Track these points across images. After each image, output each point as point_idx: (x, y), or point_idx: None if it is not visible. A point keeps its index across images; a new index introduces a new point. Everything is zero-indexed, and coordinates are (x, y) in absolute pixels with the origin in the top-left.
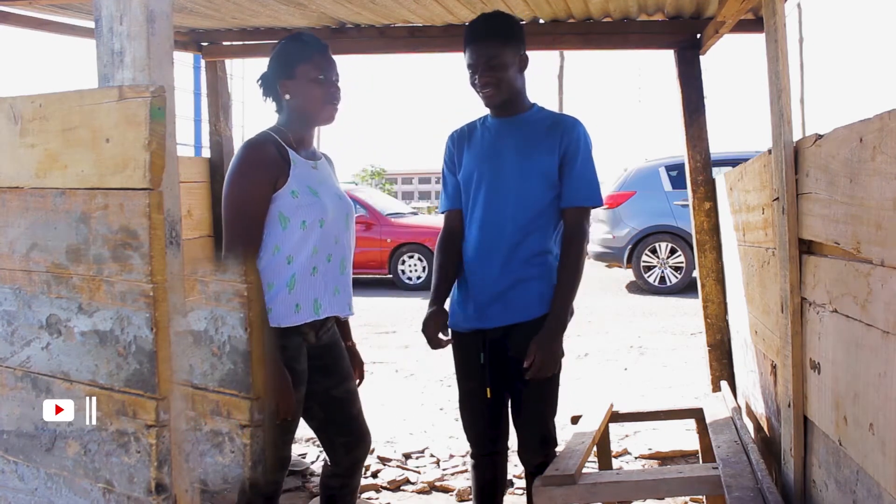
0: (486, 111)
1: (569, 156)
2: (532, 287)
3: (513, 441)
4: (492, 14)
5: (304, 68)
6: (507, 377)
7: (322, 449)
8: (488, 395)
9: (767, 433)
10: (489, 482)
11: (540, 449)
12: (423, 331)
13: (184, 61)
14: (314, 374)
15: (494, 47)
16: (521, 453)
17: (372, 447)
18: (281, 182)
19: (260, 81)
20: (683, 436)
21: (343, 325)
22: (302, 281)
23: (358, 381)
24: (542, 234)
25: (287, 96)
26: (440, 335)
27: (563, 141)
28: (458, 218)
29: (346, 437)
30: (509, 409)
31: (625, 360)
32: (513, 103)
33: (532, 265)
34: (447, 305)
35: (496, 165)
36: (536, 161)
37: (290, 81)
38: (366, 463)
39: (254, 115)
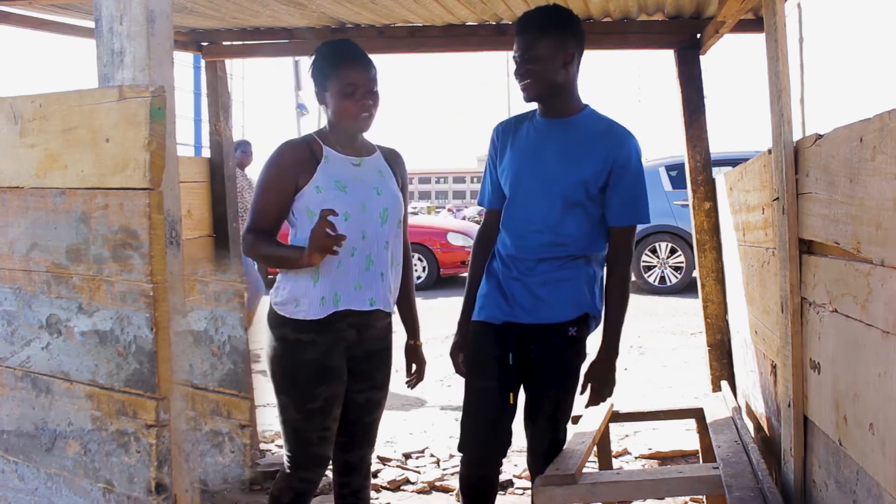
0: (508, 111)
1: (617, 171)
2: (563, 289)
3: (516, 441)
4: (542, 6)
5: (333, 82)
6: (523, 378)
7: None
8: (511, 401)
9: (767, 433)
10: (481, 490)
11: (549, 455)
12: (452, 357)
13: (184, 61)
14: (348, 377)
15: (530, 39)
16: (530, 457)
17: None
18: (304, 180)
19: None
20: (683, 436)
21: (410, 324)
22: (326, 274)
23: (416, 379)
24: (578, 240)
25: (324, 105)
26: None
27: (613, 154)
28: (497, 219)
29: (345, 437)
30: (515, 412)
31: (625, 360)
32: (558, 102)
33: (565, 268)
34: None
35: (538, 166)
36: (580, 167)
37: (323, 91)
38: None
39: (254, 115)
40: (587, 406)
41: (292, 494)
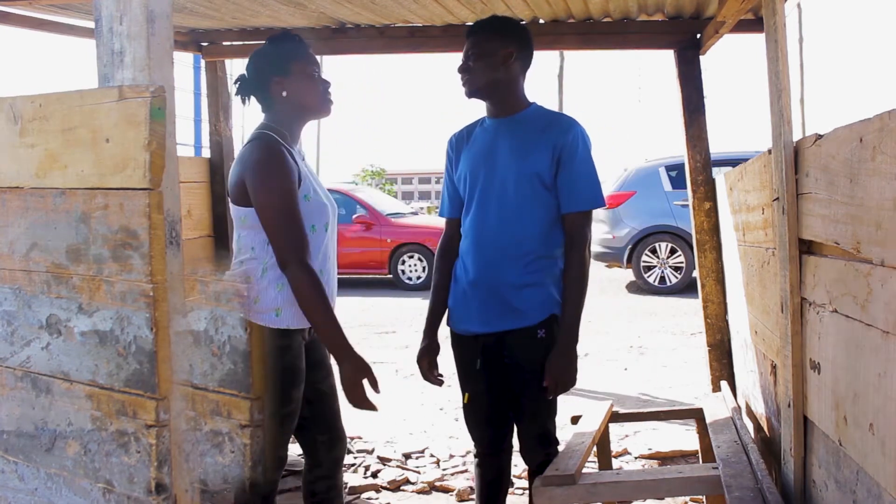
0: (485, 112)
1: (565, 158)
2: (530, 293)
3: (515, 442)
4: (492, 16)
5: (299, 65)
6: (505, 380)
7: (301, 450)
8: (487, 404)
9: (767, 433)
10: (493, 481)
11: (540, 448)
12: (418, 364)
13: (184, 61)
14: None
15: (475, 39)
16: (523, 452)
17: (372, 447)
18: (298, 185)
19: (238, 83)
20: (683, 436)
21: None
22: None
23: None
24: (539, 238)
25: (284, 93)
26: (435, 372)
27: (559, 142)
28: (458, 227)
29: (327, 434)
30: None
31: (625, 360)
32: (501, 100)
33: (530, 270)
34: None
35: (492, 167)
36: (531, 162)
37: (284, 78)
38: (366, 463)
39: (254, 115)
40: (547, 397)
41: (261, 500)
